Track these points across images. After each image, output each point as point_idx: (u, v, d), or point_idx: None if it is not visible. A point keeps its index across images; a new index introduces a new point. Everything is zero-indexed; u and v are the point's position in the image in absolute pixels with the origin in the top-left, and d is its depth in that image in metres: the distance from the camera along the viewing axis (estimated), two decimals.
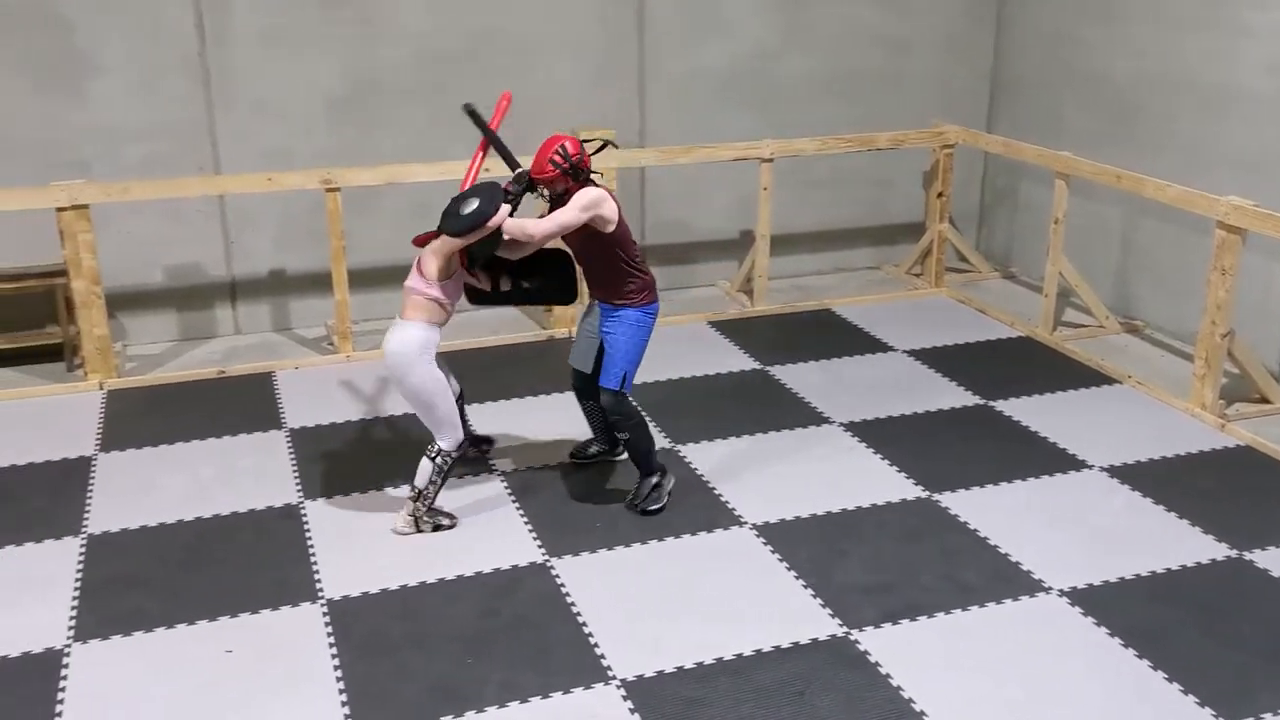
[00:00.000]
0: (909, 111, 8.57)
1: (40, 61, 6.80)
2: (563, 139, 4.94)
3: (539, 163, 4.91)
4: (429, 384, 4.89)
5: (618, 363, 5.11)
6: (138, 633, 4.43)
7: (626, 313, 5.10)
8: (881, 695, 4.10)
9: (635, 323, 5.11)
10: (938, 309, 8.12)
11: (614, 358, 5.11)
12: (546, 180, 4.93)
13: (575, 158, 4.91)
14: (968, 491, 5.53)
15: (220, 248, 7.45)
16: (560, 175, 4.90)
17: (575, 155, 4.91)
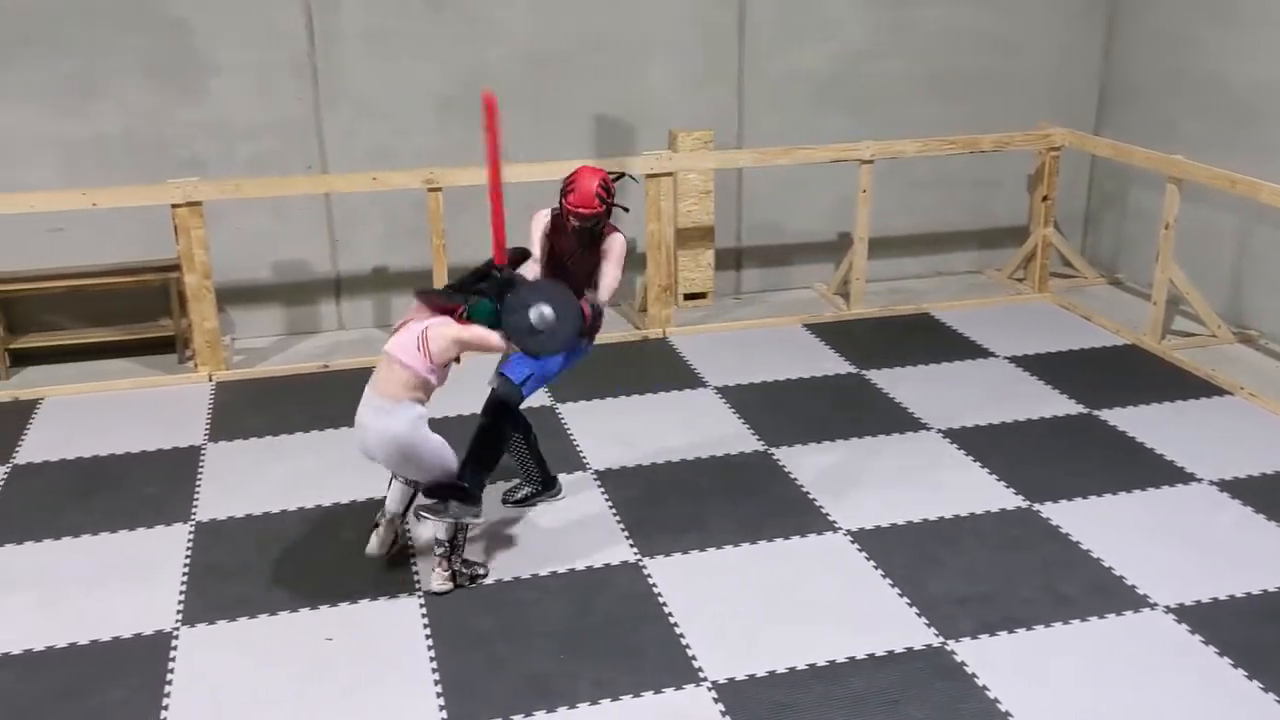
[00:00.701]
0: (1014, 113, 8.40)
1: (160, 63, 7.04)
2: (599, 172, 4.80)
3: (585, 197, 4.73)
4: (441, 449, 4.53)
5: (530, 363, 4.85)
6: (242, 618, 4.57)
7: None
8: (977, 707, 4.03)
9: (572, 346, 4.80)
10: (1041, 315, 7.94)
11: (533, 363, 4.86)
12: (591, 215, 4.76)
13: (613, 191, 4.84)
14: (1069, 502, 5.40)
15: (326, 245, 7.63)
16: (605, 211, 4.79)
17: (613, 189, 4.82)
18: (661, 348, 7.42)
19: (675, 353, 7.32)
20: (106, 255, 7.19)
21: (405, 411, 4.38)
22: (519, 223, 6.04)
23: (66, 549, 5.07)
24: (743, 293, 8.43)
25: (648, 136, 7.74)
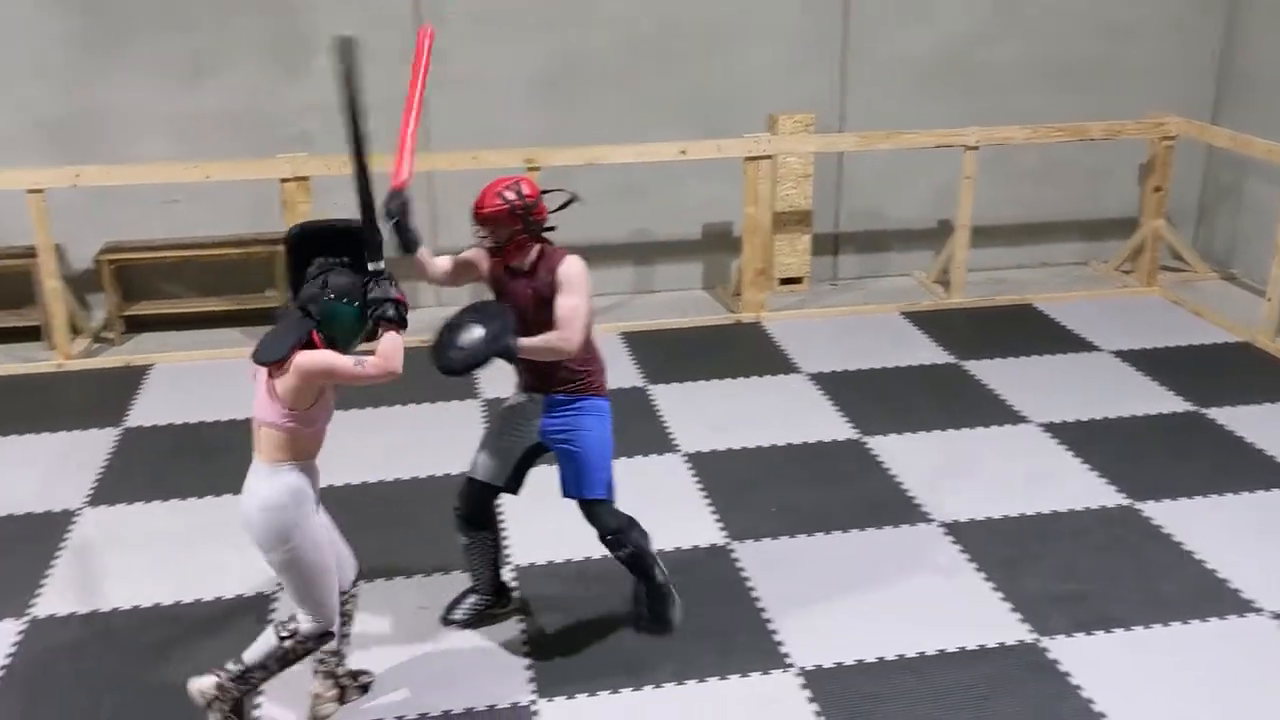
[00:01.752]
0: (1126, 101, 8.15)
1: (270, 43, 7.22)
2: (517, 179, 4.01)
3: (483, 197, 3.94)
4: (309, 552, 3.55)
5: (595, 465, 4.06)
6: None
7: (590, 402, 4.06)
8: (1070, 707, 3.95)
9: (602, 412, 4.10)
10: (1149, 309, 7.72)
11: (589, 460, 4.05)
12: (489, 218, 3.90)
13: (530, 200, 3.93)
14: (1173, 502, 5.25)
15: (427, 221, 7.74)
16: (508, 215, 3.89)
17: (531, 197, 3.94)
18: (754, 332, 7.39)
19: (769, 338, 7.28)
20: (216, 228, 7.41)
21: (275, 476, 3.50)
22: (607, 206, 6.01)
23: (174, 510, 5.25)
24: (839, 279, 8.34)
25: (747, 119, 7.68)
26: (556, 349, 3.90)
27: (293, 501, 3.49)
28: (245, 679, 3.68)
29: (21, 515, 5.23)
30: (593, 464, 4.07)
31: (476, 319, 3.84)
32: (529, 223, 3.94)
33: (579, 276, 3.95)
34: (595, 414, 4.08)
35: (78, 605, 4.55)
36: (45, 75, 7.07)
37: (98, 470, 5.62)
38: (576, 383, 4.05)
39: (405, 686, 4.08)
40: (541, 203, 3.98)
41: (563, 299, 3.91)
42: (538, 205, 3.96)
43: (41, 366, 6.88)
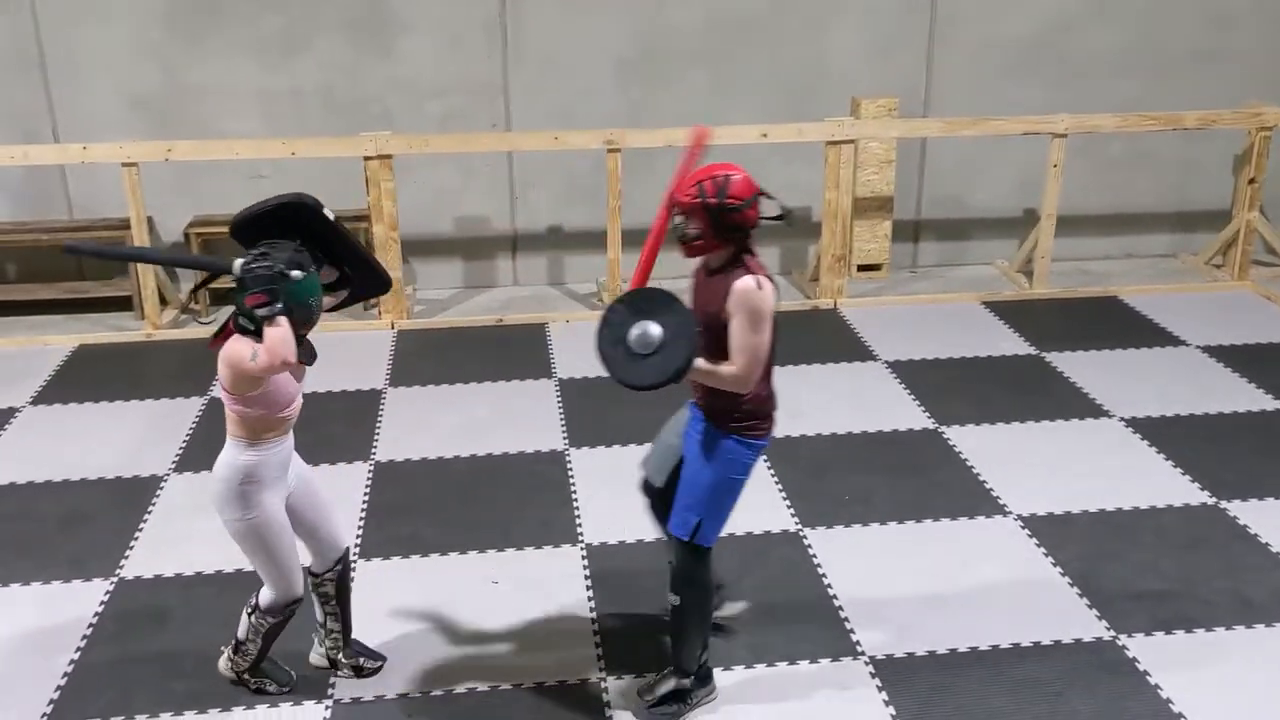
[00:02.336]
0: (1221, 90, 7.90)
1: (356, 22, 7.31)
2: (731, 170, 3.53)
3: (686, 180, 3.55)
4: (260, 528, 3.58)
5: (692, 501, 3.64)
6: (414, 555, 4.76)
7: (723, 442, 3.61)
8: (1147, 706, 3.88)
9: (729, 455, 3.61)
10: (1239, 304, 7.50)
11: (691, 490, 3.65)
12: (681, 204, 3.52)
13: (733, 202, 3.45)
14: (1260, 502, 5.11)
15: (506, 202, 7.80)
16: (699, 209, 3.48)
17: (735, 199, 3.45)
18: (831, 318, 7.33)
19: (846, 324, 7.22)
20: None
21: (231, 451, 3.56)
22: None
23: None
24: (919, 266, 8.24)
25: (830, 102, 7.61)
26: (727, 384, 3.49)
27: (242, 477, 3.53)
28: (241, 651, 3.86)
29: (111, 479, 5.40)
30: (689, 494, 3.65)
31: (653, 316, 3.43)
32: (720, 224, 3.48)
33: (759, 305, 3.44)
34: (720, 452, 3.60)
35: (163, 568, 4.69)
36: (143, 54, 7.24)
37: (184, 438, 5.77)
38: (723, 414, 3.60)
39: (474, 660, 4.14)
40: (747, 207, 3.48)
41: (739, 329, 3.45)
42: (740, 208, 3.46)
43: (132, 336, 7.08)
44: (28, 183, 7.42)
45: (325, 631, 4.02)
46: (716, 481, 3.63)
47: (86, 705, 3.92)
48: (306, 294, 3.41)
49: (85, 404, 6.19)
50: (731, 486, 3.66)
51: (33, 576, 4.65)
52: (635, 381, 3.46)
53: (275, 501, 3.62)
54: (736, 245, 3.53)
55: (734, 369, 3.48)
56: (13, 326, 7.18)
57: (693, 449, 3.68)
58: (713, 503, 3.64)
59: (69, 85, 7.27)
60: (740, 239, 3.52)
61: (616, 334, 3.47)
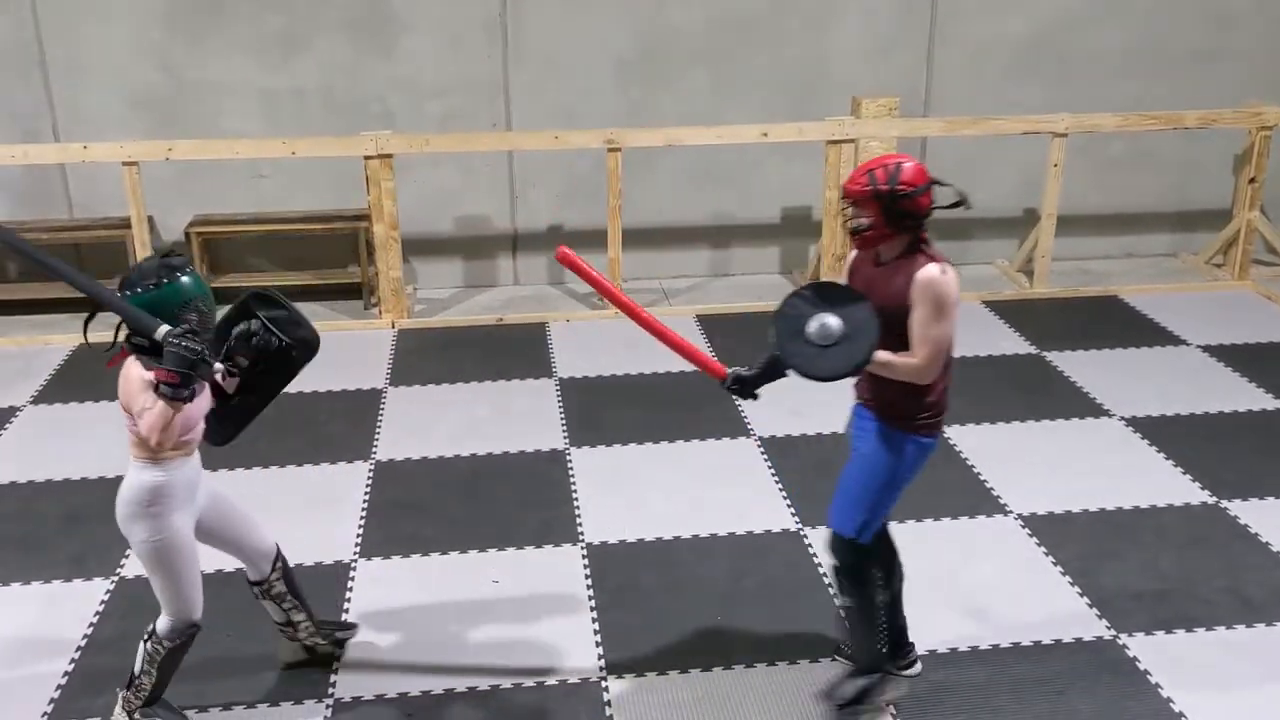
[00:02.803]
0: (1222, 90, 7.91)
1: (357, 22, 7.31)
2: (902, 158, 3.49)
3: (855, 171, 3.51)
4: (163, 550, 3.47)
5: (859, 498, 3.63)
6: (415, 555, 4.76)
7: (895, 437, 3.58)
8: (1149, 706, 3.88)
9: (905, 456, 3.58)
10: (1239, 303, 7.51)
11: (860, 488, 3.64)
12: (851, 194, 3.47)
13: (904, 188, 3.39)
14: (1261, 501, 5.11)
15: (506, 201, 7.80)
16: (870, 197, 3.42)
17: (906, 186, 3.40)
18: None
19: None
20: (300, 204, 7.55)
21: (134, 473, 3.46)
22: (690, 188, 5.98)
23: (258, 478, 5.37)
24: None
25: (830, 102, 7.61)
26: (908, 375, 3.44)
27: (149, 498, 3.43)
28: (135, 686, 3.68)
29: (112, 479, 5.36)
30: (851, 489, 3.64)
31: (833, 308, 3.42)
32: (892, 212, 3.40)
33: (945, 293, 3.37)
34: (890, 445, 3.57)
35: None
36: (143, 53, 7.25)
37: None
38: (893, 409, 3.55)
39: (477, 658, 4.13)
40: (921, 195, 3.41)
41: (923, 316, 3.38)
42: (912, 196, 3.39)
43: None
44: (28, 182, 7.43)
45: (294, 627, 3.98)
46: (888, 482, 3.61)
47: (87, 705, 3.92)
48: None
49: (86, 403, 6.19)
50: (899, 485, 3.64)
51: (33, 576, 4.65)
52: (817, 373, 3.45)
53: (185, 523, 3.51)
54: (910, 234, 3.47)
55: (915, 360, 3.42)
56: (13, 326, 7.18)
57: (867, 448, 3.64)
58: (880, 503, 3.63)
59: (69, 84, 7.27)
60: (914, 227, 3.46)
61: (794, 326, 3.46)
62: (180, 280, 3.32)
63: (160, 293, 3.30)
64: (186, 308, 3.32)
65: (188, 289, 3.33)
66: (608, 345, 6.86)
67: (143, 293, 3.30)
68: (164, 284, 3.31)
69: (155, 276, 3.32)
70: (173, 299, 3.30)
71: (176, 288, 3.31)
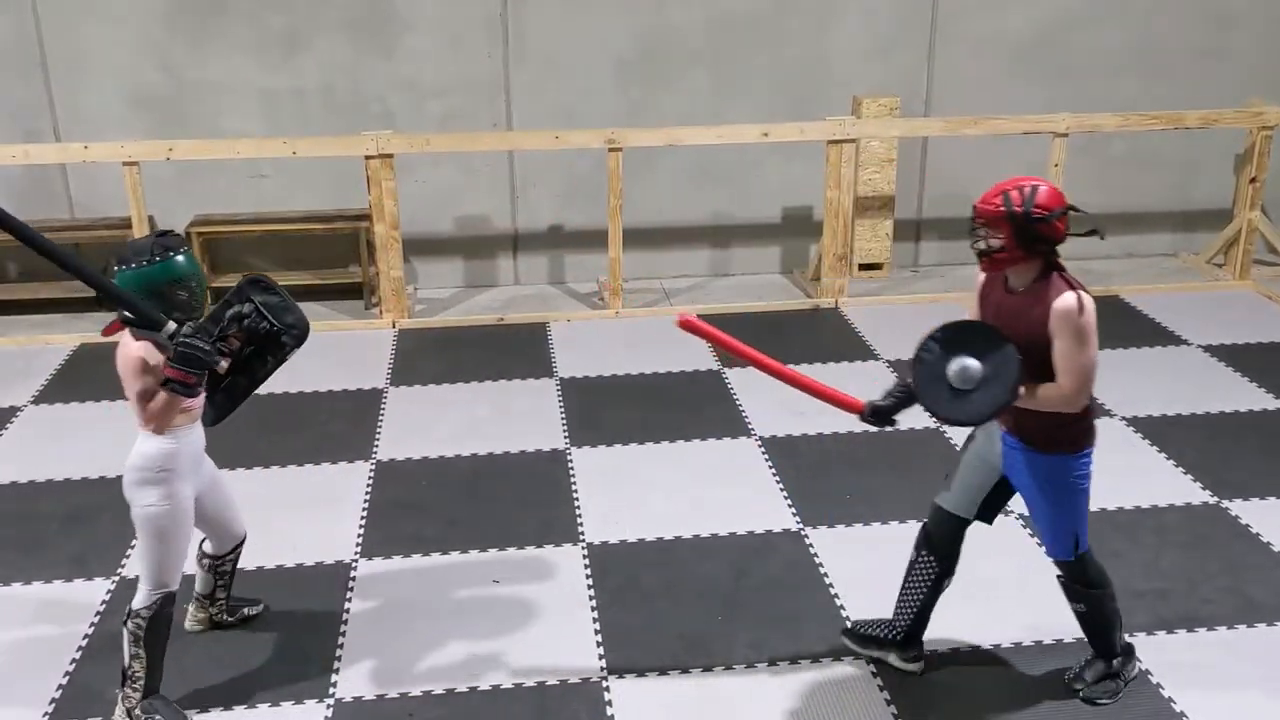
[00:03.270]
0: (1224, 89, 7.91)
1: (357, 22, 7.31)
2: (1038, 181, 3.49)
3: (989, 192, 3.49)
4: (161, 517, 3.58)
5: (1060, 525, 3.68)
6: (415, 555, 4.76)
7: (1057, 461, 3.58)
8: (1150, 705, 3.87)
9: (1069, 475, 3.61)
10: (1241, 303, 7.50)
11: (1051, 519, 3.69)
12: (983, 214, 3.46)
13: (1040, 212, 3.39)
14: (1263, 501, 5.11)
15: (507, 201, 7.80)
16: (1003, 218, 3.42)
17: (1041, 210, 3.39)
18: (833, 318, 7.33)
19: (847, 324, 7.22)
20: (301, 204, 7.55)
21: (140, 443, 3.56)
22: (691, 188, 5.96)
23: (259, 478, 5.37)
24: (920, 265, 8.24)
25: (831, 101, 7.61)
26: (1056, 406, 3.46)
27: (159, 464, 3.54)
28: (130, 679, 3.71)
29: (113, 479, 5.34)
30: (1052, 522, 3.69)
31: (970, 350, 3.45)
32: (1025, 235, 3.40)
33: (1085, 323, 3.38)
34: (1060, 479, 3.61)
35: None
36: (144, 53, 7.25)
37: None
38: (1047, 437, 3.55)
39: (475, 659, 4.13)
40: (1056, 219, 3.41)
41: (1066, 347, 3.39)
42: (1048, 220, 3.39)
43: None
44: (28, 182, 7.42)
45: (212, 600, 4.20)
46: (1068, 498, 3.64)
47: (87, 704, 3.91)
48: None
49: (86, 403, 6.19)
50: (1082, 494, 3.66)
51: (34, 576, 4.65)
52: (961, 418, 3.51)
53: (188, 494, 3.65)
54: (1042, 259, 3.47)
55: (1064, 390, 3.44)
56: (14, 325, 7.18)
57: (1027, 481, 3.67)
58: (1075, 514, 3.67)
59: (70, 84, 7.27)
60: (1045, 252, 3.46)
61: (934, 371, 3.49)
62: (173, 259, 3.39)
63: (152, 269, 3.37)
64: (177, 285, 3.41)
65: (180, 267, 3.41)
66: (608, 345, 6.86)
67: (136, 268, 3.37)
68: (156, 261, 3.38)
69: (149, 253, 3.39)
70: (164, 276, 3.38)
71: (169, 265, 3.39)
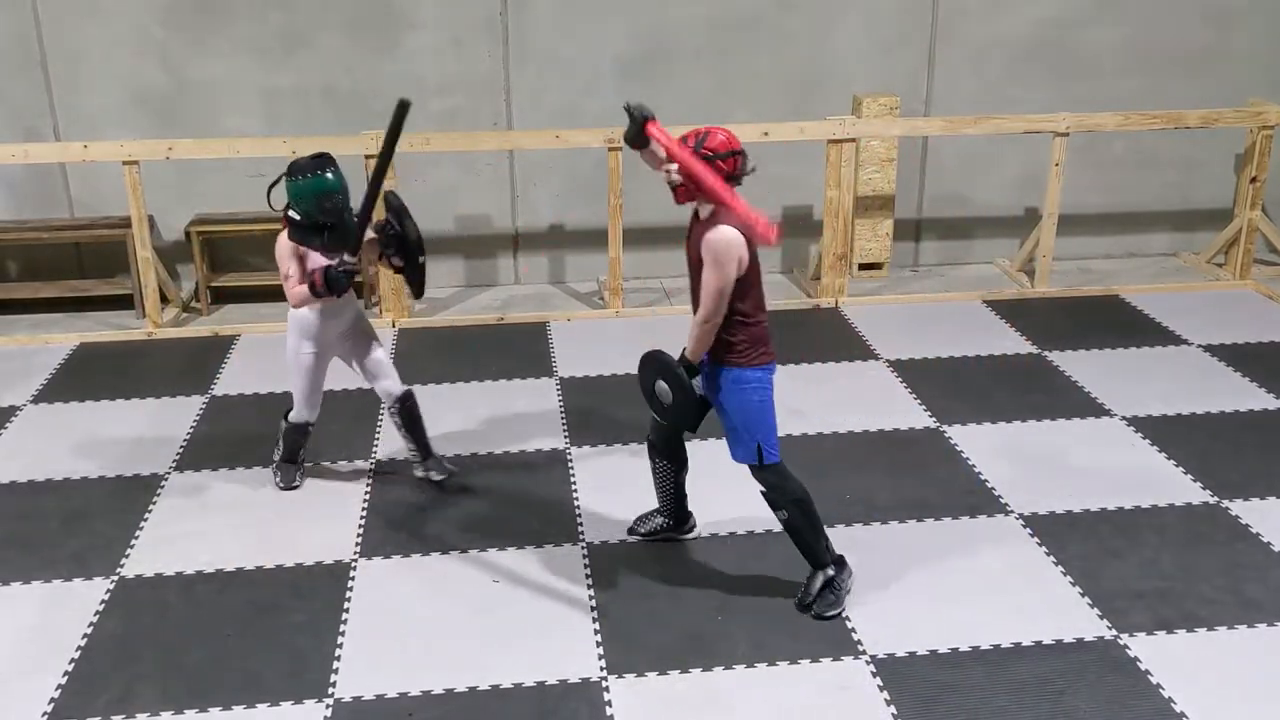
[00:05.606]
0: (1224, 89, 7.90)
1: (358, 20, 7.30)
2: (714, 131, 4.02)
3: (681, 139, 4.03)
4: (296, 370, 4.96)
5: (740, 433, 4.18)
6: (415, 554, 4.76)
7: (735, 373, 4.12)
8: (1150, 705, 3.87)
9: (746, 383, 4.12)
10: (1241, 303, 7.50)
11: (736, 429, 4.19)
12: (670, 162, 4.01)
13: (710, 150, 3.95)
14: (1263, 501, 5.11)
15: (507, 200, 7.80)
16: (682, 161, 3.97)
17: (711, 149, 3.95)
18: (833, 317, 7.32)
19: (847, 323, 7.22)
20: None
21: (291, 313, 4.89)
22: None
23: (259, 478, 5.37)
24: (920, 265, 8.23)
25: (831, 101, 7.61)
26: (704, 331, 4.04)
27: (294, 323, 4.88)
28: (276, 446, 5.25)
29: (113, 478, 5.40)
30: (738, 432, 4.18)
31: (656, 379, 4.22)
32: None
33: (721, 249, 3.93)
34: (739, 385, 4.11)
35: (164, 567, 4.69)
36: (144, 51, 7.24)
37: (184, 436, 5.77)
38: (726, 352, 4.11)
39: (477, 658, 4.13)
40: (725, 160, 3.96)
41: (706, 273, 3.97)
42: (716, 159, 3.94)
43: (132, 334, 7.08)
44: (29, 181, 7.42)
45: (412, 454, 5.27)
46: (748, 407, 4.13)
47: (88, 703, 3.92)
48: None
49: (86, 402, 6.19)
50: (763, 407, 4.15)
51: (34, 575, 4.65)
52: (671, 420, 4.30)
53: (313, 352, 4.89)
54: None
55: (703, 315, 4.03)
56: (14, 325, 7.18)
57: (714, 390, 4.19)
58: (756, 424, 4.15)
59: (70, 83, 7.26)
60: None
61: (647, 384, 4.27)
62: (325, 176, 4.54)
63: (310, 182, 4.52)
64: (324, 196, 4.57)
65: (328, 183, 4.56)
66: (609, 344, 6.86)
67: (298, 180, 4.52)
68: (311, 176, 4.52)
69: (309, 169, 4.53)
70: (318, 188, 4.53)
71: (322, 181, 4.54)
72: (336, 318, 4.91)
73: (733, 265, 3.95)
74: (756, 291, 4.11)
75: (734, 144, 4.02)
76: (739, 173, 4.04)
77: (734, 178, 4.02)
